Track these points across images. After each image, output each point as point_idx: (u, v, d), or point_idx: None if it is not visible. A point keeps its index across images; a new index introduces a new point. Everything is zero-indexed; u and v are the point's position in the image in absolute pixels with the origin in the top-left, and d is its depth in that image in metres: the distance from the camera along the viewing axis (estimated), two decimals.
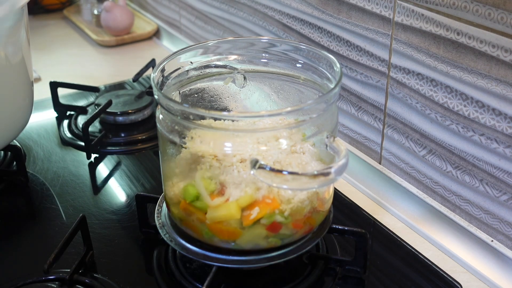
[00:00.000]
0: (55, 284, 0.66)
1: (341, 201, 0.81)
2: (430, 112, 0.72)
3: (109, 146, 0.96)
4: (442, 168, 0.73)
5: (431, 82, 0.71)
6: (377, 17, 0.76)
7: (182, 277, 0.66)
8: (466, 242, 0.71)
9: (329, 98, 0.59)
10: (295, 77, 0.69)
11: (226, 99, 0.72)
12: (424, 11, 0.69)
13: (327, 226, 0.66)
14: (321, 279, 0.67)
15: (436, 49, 0.69)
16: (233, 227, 0.59)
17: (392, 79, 0.77)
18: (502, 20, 0.60)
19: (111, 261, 0.70)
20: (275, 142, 0.58)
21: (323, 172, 0.52)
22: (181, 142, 0.60)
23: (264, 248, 0.61)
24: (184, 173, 0.62)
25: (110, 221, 0.78)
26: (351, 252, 0.69)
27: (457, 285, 0.66)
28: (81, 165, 0.91)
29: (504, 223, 0.67)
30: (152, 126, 1.00)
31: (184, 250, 0.63)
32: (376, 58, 0.78)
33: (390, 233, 0.75)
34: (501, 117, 0.63)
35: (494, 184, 0.67)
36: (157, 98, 0.60)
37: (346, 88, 0.86)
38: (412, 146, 0.77)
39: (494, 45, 0.61)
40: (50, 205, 0.82)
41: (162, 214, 0.68)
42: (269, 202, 0.59)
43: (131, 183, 0.86)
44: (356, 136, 0.87)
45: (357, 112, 0.85)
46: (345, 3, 0.81)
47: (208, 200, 0.59)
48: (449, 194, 0.74)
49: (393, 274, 0.68)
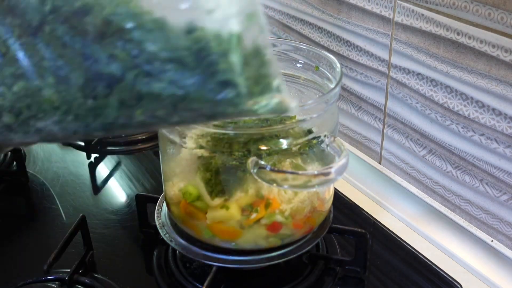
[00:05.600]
0: (55, 284, 0.66)
1: (341, 201, 0.81)
2: (430, 112, 0.72)
3: (109, 146, 0.96)
4: (442, 168, 0.73)
5: (431, 82, 0.71)
6: (377, 17, 0.76)
7: (182, 277, 0.66)
8: (466, 242, 0.71)
9: (329, 98, 0.59)
10: (295, 77, 0.69)
11: None
12: (424, 11, 0.69)
13: (327, 226, 0.66)
14: (321, 279, 0.67)
15: (436, 49, 0.69)
16: (233, 227, 0.59)
17: (392, 79, 0.77)
18: (502, 20, 0.60)
19: (111, 261, 0.70)
20: (275, 142, 0.58)
21: (323, 172, 0.52)
22: (181, 142, 0.60)
23: (264, 248, 0.61)
24: (185, 173, 0.62)
25: (110, 221, 0.78)
26: (351, 252, 0.69)
27: (457, 285, 0.66)
28: (81, 165, 0.91)
29: (504, 223, 0.67)
30: None
31: (184, 250, 0.63)
32: (376, 58, 0.78)
33: (390, 233, 0.75)
34: (501, 117, 0.63)
35: (494, 184, 0.67)
36: None
37: (346, 88, 0.86)
38: (412, 146, 0.77)
39: (494, 45, 0.61)
40: (50, 205, 0.82)
41: (162, 214, 0.68)
42: (269, 202, 0.59)
43: (131, 183, 0.86)
44: (356, 136, 0.87)
45: (357, 112, 0.85)
46: (345, 3, 0.81)
47: (208, 200, 0.59)
48: (449, 194, 0.74)
49: (393, 274, 0.68)
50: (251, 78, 0.36)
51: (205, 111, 0.37)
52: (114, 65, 0.36)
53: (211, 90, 0.36)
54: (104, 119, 0.38)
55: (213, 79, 0.36)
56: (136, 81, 0.36)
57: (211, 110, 0.37)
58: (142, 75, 0.36)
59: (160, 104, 0.37)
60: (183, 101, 0.36)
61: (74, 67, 0.37)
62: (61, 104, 0.38)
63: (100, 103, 0.37)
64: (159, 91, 0.36)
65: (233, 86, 0.36)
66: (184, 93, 0.36)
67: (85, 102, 0.37)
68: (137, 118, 0.38)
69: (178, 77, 0.36)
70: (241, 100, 0.36)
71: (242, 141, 0.57)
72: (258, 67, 0.37)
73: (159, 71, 0.36)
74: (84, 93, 0.37)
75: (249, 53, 0.36)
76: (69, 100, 0.38)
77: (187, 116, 0.37)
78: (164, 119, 0.38)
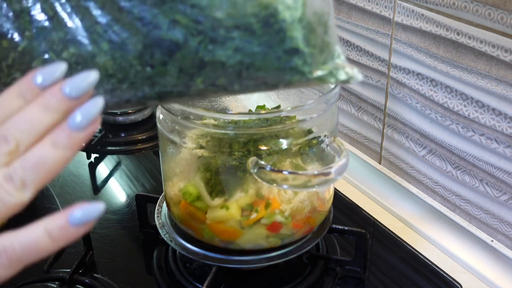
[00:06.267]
0: (55, 284, 0.66)
1: (341, 201, 0.81)
2: (430, 112, 0.72)
3: (109, 146, 0.96)
4: (442, 168, 0.73)
5: (431, 82, 0.71)
6: (377, 17, 0.76)
7: (182, 277, 0.66)
8: (466, 242, 0.71)
9: (329, 98, 0.59)
10: None
11: (226, 99, 0.72)
12: (424, 11, 0.69)
13: (327, 226, 0.66)
14: (321, 279, 0.67)
15: (436, 49, 0.69)
16: (233, 227, 0.59)
17: (392, 79, 0.77)
18: (502, 20, 0.60)
19: (111, 261, 0.70)
20: (275, 142, 0.58)
21: (323, 172, 0.52)
22: (181, 142, 0.60)
23: (264, 248, 0.61)
24: (184, 173, 0.62)
25: (110, 221, 0.78)
26: (351, 252, 0.69)
27: (457, 285, 0.66)
28: (81, 165, 0.91)
29: (504, 223, 0.67)
30: (152, 126, 1.00)
31: (184, 250, 0.63)
32: (376, 58, 0.78)
33: (390, 233, 0.75)
34: (501, 117, 0.63)
35: (494, 184, 0.67)
36: None
37: (346, 88, 0.86)
38: (412, 146, 0.77)
39: (494, 45, 0.61)
40: (50, 205, 0.82)
41: (162, 214, 0.68)
42: (269, 202, 0.59)
43: (131, 183, 0.86)
44: (356, 136, 0.87)
45: (357, 112, 0.85)
46: (345, 3, 0.81)
47: (208, 200, 0.59)
48: (449, 194, 0.74)
49: (393, 274, 0.68)
50: (316, 46, 0.36)
51: (269, 79, 0.36)
52: (176, 31, 0.35)
53: (278, 58, 0.35)
54: (161, 87, 0.37)
55: (281, 46, 0.35)
56: (199, 49, 0.35)
57: (275, 79, 0.36)
58: (206, 42, 0.35)
59: (223, 72, 0.36)
60: (248, 69, 0.36)
61: (131, 32, 0.35)
62: (116, 72, 0.36)
63: (158, 70, 0.36)
64: (223, 59, 0.35)
65: (301, 54, 0.35)
66: (250, 61, 0.35)
67: (143, 70, 0.36)
68: (197, 87, 0.36)
69: (244, 44, 0.35)
70: (308, 68, 0.36)
71: (242, 141, 0.57)
72: (322, 35, 0.37)
73: (225, 38, 0.35)
74: (142, 61, 0.36)
75: (314, 20, 0.36)
76: (125, 67, 0.36)
77: (249, 84, 0.37)
78: (224, 88, 0.37)
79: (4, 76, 0.38)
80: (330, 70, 0.37)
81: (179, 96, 0.37)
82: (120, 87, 0.37)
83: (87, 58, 0.36)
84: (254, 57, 0.35)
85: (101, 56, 0.36)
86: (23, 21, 0.37)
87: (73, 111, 0.32)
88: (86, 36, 0.36)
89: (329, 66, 0.37)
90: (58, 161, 0.32)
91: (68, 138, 0.32)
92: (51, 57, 0.37)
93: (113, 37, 0.36)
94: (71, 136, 0.32)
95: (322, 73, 0.37)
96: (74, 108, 0.32)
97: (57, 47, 0.37)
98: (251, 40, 0.35)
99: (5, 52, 0.37)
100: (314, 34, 0.36)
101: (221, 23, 0.35)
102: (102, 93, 0.37)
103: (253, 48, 0.35)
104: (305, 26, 0.35)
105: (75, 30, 0.36)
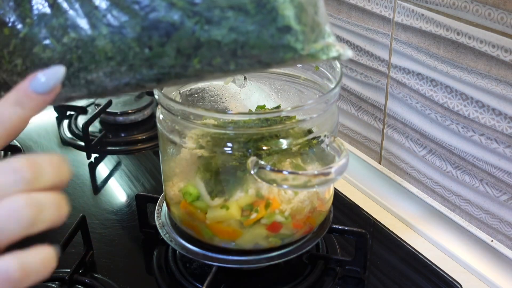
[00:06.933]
0: (55, 284, 0.66)
1: (341, 201, 0.81)
2: (430, 112, 0.72)
3: (109, 146, 0.96)
4: (442, 168, 0.73)
5: (431, 82, 0.71)
6: (377, 17, 0.76)
7: (182, 277, 0.66)
8: (466, 242, 0.71)
9: (329, 98, 0.59)
10: (295, 77, 0.69)
11: (226, 99, 0.72)
12: (424, 11, 0.69)
13: (327, 226, 0.66)
14: (321, 279, 0.67)
15: (436, 49, 0.69)
16: (233, 227, 0.59)
17: (392, 79, 0.77)
18: (502, 20, 0.60)
19: (111, 261, 0.70)
20: (275, 142, 0.58)
21: (323, 172, 0.52)
22: (181, 142, 0.60)
23: (264, 248, 0.61)
24: (184, 173, 0.62)
25: (110, 221, 0.78)
26: (351, 252, 0.69)
27: (457, 285, 0.66)
28: (81, 165, 0.91)
29: (504, 223, 0.67)
30: (152, 126, 1.00)
31: (184, 250, 0.63)
32: (376, 58, 0.78)
33: (390, 233, 0.75)
34: (501, 117, 0.63)
35: (494, 184, 0.67)
36: (157, 98, 0.60)
37: (346, 88, 0.86)
38: (412, 146, 0.77)
39: (494, 45, 0.61)
40: None
41: (162, 214, 0.68)
42: (269, 202, 0.59)
43: (131, 183, 0.86)
44: (356, 136, 0.87)
45: (357, 112, 0.85)
46: (345, 3, 0.81)
47: (208, 200, 0.59)
48: (449, 194, 0.74)
49: (393, 274, 0.68)
50: (308, 24, 0.37)
51: (263, 57, 0.38)
52: (172, 13, 0.36)
53: (271, 36, 0.37)
54: (159, 69, 0.38)
55: (273, 25, 0.36)
56: (195, 29, 0.36)
57: (269, 57, 0.38)
58: (202, 22, 0.36)
59: (218, 51, 0.37)
60: (243, 48, 0.37)
61: (130, 16, 0.37)
62: (115, 55, 0.37)
63: (156, 52, 0.37)
64: (219, 38, 0.36)
65: (293, 32, 0.37)
66: (245, 40, 0.37)
67: (141, 52, 0.37)
68: (194, 67, 0.38)
69: (238, 24, 0.36)
70: (300, 45, 0.37)
71: (242, 141, 0.57)
72: (313, 15, 0.38)
73: (220, 18, 0.36)
74: (140, 43, 0.37)
75: (305, 1, 0.37)
76: (124, 50, 0.37)
77: (244, 63, 0.38)
78: (220, 67, 0.38)
79: (6, 63, 0.39)
80: (322, 47, 0.39)
81: (176, 78, 0.39)
82: (119, 69, 0.38)
83: (87, 42, 0.38)
84: (248, 36, 0.37)
85: (100, 40, 0.37)
86: (24, 8, 0.39)
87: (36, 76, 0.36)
88: (85, 21, 0.38)
89: (320, 44, 0.39)
90: (15, 118, 0.35)
91: (29, 98, 0.35)
92: (52, 43, 0.38)
93: (112, 21, 0.37)
94: (31, 96, 0.35)
95: (314, 50, 0.38)
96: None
97: (58, 33, 0.38)
98: (245, 19, 0.36)
99: (6, 39, 0.39)
100: (305, 13, 0.37)
101: (216, 4, 0.36)
102: (102, 76, 0.38)
103: (247, 27, 0.36)
104: (297, 6, 0.37)
105: (75, 15, 0.38)
